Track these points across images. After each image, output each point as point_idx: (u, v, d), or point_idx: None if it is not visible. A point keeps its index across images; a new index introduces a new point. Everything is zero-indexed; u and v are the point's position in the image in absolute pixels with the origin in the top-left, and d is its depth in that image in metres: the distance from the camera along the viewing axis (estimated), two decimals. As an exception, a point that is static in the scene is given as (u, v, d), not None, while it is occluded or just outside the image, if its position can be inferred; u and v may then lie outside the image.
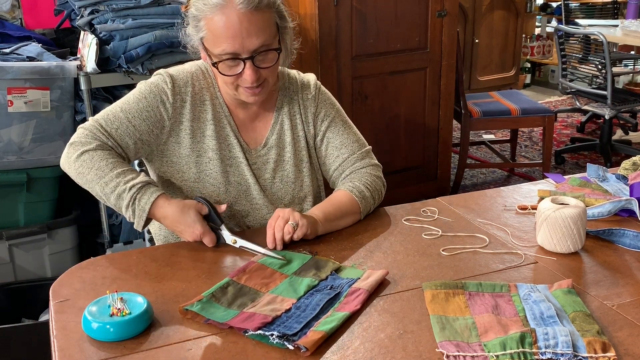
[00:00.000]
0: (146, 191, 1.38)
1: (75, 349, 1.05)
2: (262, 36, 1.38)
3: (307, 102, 1.60)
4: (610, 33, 4.47)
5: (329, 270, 1.27)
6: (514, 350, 1.00)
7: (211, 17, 1.38)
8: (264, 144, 1.57)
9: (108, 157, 1.41)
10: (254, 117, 1.57)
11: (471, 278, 1.26)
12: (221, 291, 1.18)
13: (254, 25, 1.37)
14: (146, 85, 1.50)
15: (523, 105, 3.94)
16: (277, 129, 1.57)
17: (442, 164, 3.81)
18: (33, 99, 2.46)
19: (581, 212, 1.35)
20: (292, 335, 1.05)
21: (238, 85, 1.45)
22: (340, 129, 1.61)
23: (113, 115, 1.46)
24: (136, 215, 1.38)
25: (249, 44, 1.38)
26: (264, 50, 1.40)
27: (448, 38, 3.57)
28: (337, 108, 1.64)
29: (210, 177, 1.52)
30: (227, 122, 1.53)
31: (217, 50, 1.40)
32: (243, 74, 1.41)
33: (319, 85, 1.63)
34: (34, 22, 3.07)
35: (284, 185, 1.58)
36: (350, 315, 1.13)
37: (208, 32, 1.41)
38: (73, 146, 1.43)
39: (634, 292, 1.21)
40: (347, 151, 1.60)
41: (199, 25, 1.42)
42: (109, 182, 1.38)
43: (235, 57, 1.39)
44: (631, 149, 4.48)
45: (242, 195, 1.54)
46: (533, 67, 6.74)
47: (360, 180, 1.56)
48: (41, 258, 2.61)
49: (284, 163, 1.58)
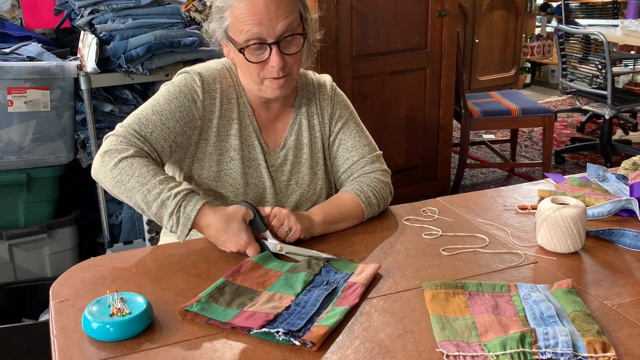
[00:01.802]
0: (191, 199, 1.32)
1: (75, 349, 1.05)
2: (287, 20, 1.38)
3: (324, 102, 1.59)
4: (610, 33, 4.47)
5: (322, 263, 1.28)
6: (514, 350, 1.00)
7: (236, 5, 1.37)
8: (282, 145, 1.56)
9: (148, 164, 1.35)
10: (274, 118, 1.56)
11: (471, 278, 1.26)
12: (218, 291, 1.18)
13: (280, 9, 1.37)
14: (174, 85, 1.46)
15: (523, 105, 3.94)
16: (295, 129, 1.57)
17: (442, 164, 3.81)
18: (33, 99, 2.46)
19: (581, 212, 1.35)
20: (297, 331, 1.06)
21: (263, 78, 1.43)
22: (353, 131, 1.60)
23: (146, 119, 1.42)
24: (180, 224, 1.31)
25: (275, 27, 1.37)
26: (289, 34, 1.39)
27: (448, 38, 3.57)
28: (351, 110, 1.63)
29: (230, 177, 1.50)
30: (249, 122, 1.52)
31: (242, 37, 1.38)
32: (269, 60, 1.39)
33: (334, 86, 1.63)
34: (34, 22, 3.07)
35: (298, 187, 1.57)
36: (350, 309, 1.14)
37: (233, 19, 1.39)
38: (108, 154, 1.36)
39: (634, 292, 1.21)
40: (358, 154, 1.58)
41: (224, 15, 1.41)
42: (151, 190, 1.32)
43: (262, 43, 1.38)
44: (631, 149, 4.49)
45: (257, 198, 1.53)
46: (533, 67, 6.74)
47: (368, 185, 1.54)
48: (41, 258, 2.61)
49: (300, 165, 1.57)
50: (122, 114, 2.65)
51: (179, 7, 2.65)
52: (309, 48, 1.49)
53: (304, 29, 1.44)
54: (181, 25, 2.63)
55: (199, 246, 1.42)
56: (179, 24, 2.63)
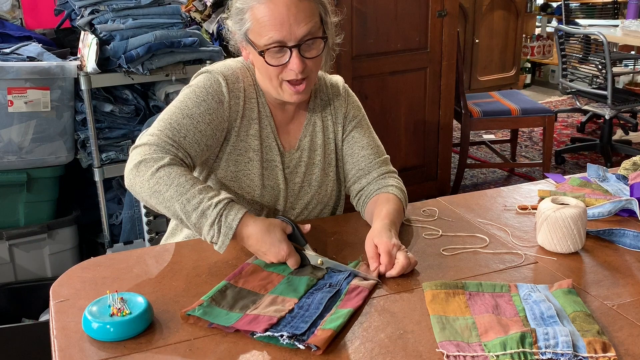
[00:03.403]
0: (232, 208, 1.29)
1: (75, 349, 1.05)
2: (309, 24, 1.37)
3: (337, 103, 1.58)
4: (611, 33, 4.48)
5: (325, 270, 1.28)
6: (514, 350, 1.00)
7: (258, 7, 1.36)
8: (297, 147, 1.54)
9: (186, 172, 1.32)
10: (289, 119, 1.55)
11: (471, 278, 1.26)
12: (220, 295, 1.17)
13: (302, 12, 1.36)
14: (200, 87, 1.44)
15: (523, 105, 3.94)
16: (309, 130, 1.56)
17: (442, 164, 3.81)
18: (33, 99, 2.46)
19: (581, 212, 1.35)
20: (301, 335, 1.05)
21: (282, 80, 1.42)
22: (366, 131, 1.60)
23: (177, 124, 1.39)
24: (222, 234, 1.27)
25: (296, 31, 1.36)
26: (310, 38, 1.38)
27: (448, 38, 3.57)
28: (363, 112, 1.63)
29: (247, 177, 1.49)
30: (268, 122, 1.51)
31: (263, 40, 1.37)
32: (289, 63, 1.38)
33: (347, 87, 1.62)
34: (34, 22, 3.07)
35: (310, 189, 1.56)
36: (354, 311, 1.13)
37: (254, 22, 1.38)
38: (144, 164, 1.32)
39: (634, 292, 1.21)
40: (373, 153, 1.58)
41: (244, 17, 1.40)
42: (191, 199, 1.28)
43: (282, 46, 1.37)
44: (631, 149, 4.49)
45: (272, 201, 1.51)
46: (533, 67, 6.74)
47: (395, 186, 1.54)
48: (41, 258, 2.61)
49: (313, 166, 1.56)
50: (122, 114, 2.65)
51: (179, 7, 2.65)
52: (328, 52, 1.48)
53: (324, 32, 1.43)
54: (181, 25, 2.63)
55: (199, 246, 1.41)
56: (179, 24, 2.63)
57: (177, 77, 2.64)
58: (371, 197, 1.53)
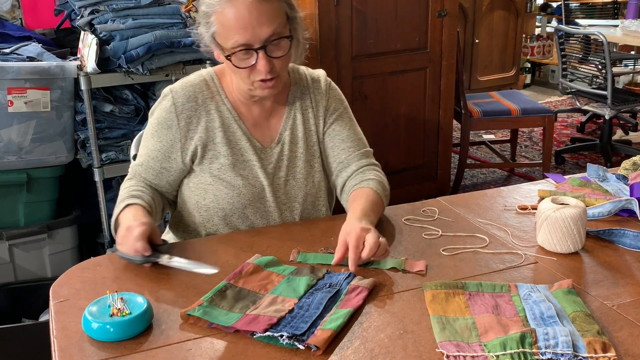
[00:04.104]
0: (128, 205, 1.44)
1: (75, 349, 1.05)
2: (272, 24, 1.38)
3: (319, 96, 1.60)
4: (611, 33, 4.48)
5: (325, 270, 1.28)
6: (514, 351, 1.00)
7: (221, 11, 1.38)
8: (277, 140, 1.56)
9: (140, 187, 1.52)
10: (268, 114, 1.57)
11: (471, 278, 1.26)
12: (220, 295, 1.17)
13: (264, 14, 1.37)
14: (155, 118, 1.54)
15: (523, 105, 3.94)
16: (289, 124, 1.57)
17: (442, 164, 3.81)
18: (33, 99, 2.46)
19: (581, 212, 1.35)
20: (301, 335, 1.05)
21: (253, 80, 1.44)
22: (348, 124, 1.62)
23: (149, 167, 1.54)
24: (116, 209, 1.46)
25: (260, 33, 1.37)
26: (275, 38, 1.40)
27: (448, 38, 3.57)
28: (345, 105, 1.65)
29: (224, 180, 1.52)
30: (237, 126, 1.53)
31: (229, 43, 1.39)
32: (257, 64, 1.40)
33: (329, 80, 1.64)
34: (34, 22, 3.07)
35: (296, 182, 1.57)
36: (354, 311, 1.14)
37: (219, 26, 1.40)
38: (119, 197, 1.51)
39: (634, 292, 1.21)
40: (354, 146, 1.60)
41: (210, 21, 1.42)
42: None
43: (248, 48, 1.39)
44: (631, 149, 4.48)
45: (256, 198, 1.54)
46: (533, 67, 6.74)
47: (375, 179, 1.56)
48: (41, 258, 2.61)
49: (296, 159, 1.57)
50: (122, 114, 2.65)
51: (179, 7, 2.65)
52: (297, 47, 1.50)
53: (291, 29, 1.44)
54: (181, 26, 2.63)
55: (199, 247, 1.41)
56: (179, 24, 2.62)
57: (177, 77, 2.62)
58: (350, 193, 1.55)
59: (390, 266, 1.30)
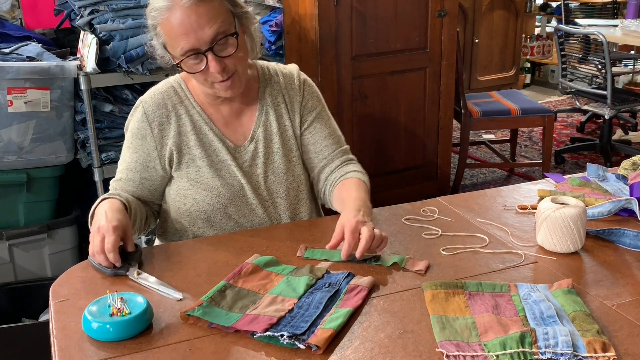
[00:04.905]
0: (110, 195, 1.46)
1: (75, 349, 1.05)
2: (214, 25, 1.38)
3: (292, 91, 1.61)
4: (610, 33, 4.48)
5: (324, 269, 1.28)
6: (514, 350, 1.00)
7: (164, 21, 1.39)
8: (250, 138, 1.57)
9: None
10: (239, 112, 1.58)
11: (471, 278, 1.26)
12: (220, 295, 1.18)
13: (204, 16, 1.37)
14: (129, 131, 1.56)
15: (523, 105, 3.94)
16: (262, 120, 1.58)
17: (442, 164, 3.81)
18: (33, 99, 2.46)
19: (581, 212, 1.35)
20: (302, 335, 1.05)
21: (211, 82, 1.45)
22: (327, 122, 1.64)
23: (127, 179, 1.54)
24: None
25: (202, 35, 1.37)
26: (221, 37, 1.39)
27: (448, 38, 3.57)
28: (322, 102, 1.66)
29: (202, 183, 1.53)
30: (208, 128, 1.54)
31: (177, 51, 1.40)
32: (208, 67, 1.41)
33: (303, 75, 1.64)
34: (34, 22, 3.07)
35: (276, 177, 1.58)
36: (353, 311, 1.14)
37: (166, 36, 1.42)
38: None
39: (634, 292, 1.21)
40: (334, 143, 1.63)
41: (157, 32, 1.43)
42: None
43: (196, 53, 1.39)
44: (631, 149, 4.49)
45: (236, 197, 1.54)
46: (533, 67, 6.74)
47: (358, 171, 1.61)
48: (41, 258, 2.61)
49: (273, 155, 1.58)
50: (122, 114, 2.65)
51: (178, 7, 2.65)
52: (252, 40, 1.51)
53: (236, 27, 1.43)
54: (181, 25, 2.63)
55: (199, 246, 1.42)
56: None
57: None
58: (336, 185, 1.58)
59: (393, 262, 1.31)
